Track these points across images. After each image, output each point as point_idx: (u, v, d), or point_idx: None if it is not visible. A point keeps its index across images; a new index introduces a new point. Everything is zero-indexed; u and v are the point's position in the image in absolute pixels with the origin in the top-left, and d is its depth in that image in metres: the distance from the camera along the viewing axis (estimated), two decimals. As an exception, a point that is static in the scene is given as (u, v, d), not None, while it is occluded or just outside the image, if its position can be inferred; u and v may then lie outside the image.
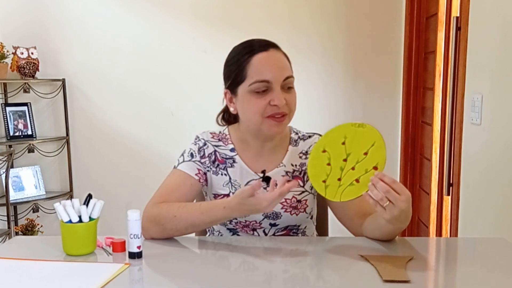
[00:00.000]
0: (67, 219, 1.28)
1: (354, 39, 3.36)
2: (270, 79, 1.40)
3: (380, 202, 1.21)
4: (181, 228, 1.39)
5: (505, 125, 1.77)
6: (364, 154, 1.29)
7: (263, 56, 1.42)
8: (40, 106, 3.53)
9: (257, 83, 1.40)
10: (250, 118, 1.46)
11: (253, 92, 1.42)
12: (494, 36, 1.85)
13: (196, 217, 1.37)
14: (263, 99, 1.41)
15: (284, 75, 1.42)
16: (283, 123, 1.44)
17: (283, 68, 1.43)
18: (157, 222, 1.39)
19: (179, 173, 1.51)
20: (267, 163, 1.53)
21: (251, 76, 1.41)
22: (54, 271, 1.19)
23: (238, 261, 1.28)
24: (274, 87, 1.40)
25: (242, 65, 1.43)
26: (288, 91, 1.44)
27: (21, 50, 3.29)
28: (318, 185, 1.32)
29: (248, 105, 1.44)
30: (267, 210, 1.27)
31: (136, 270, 1.21)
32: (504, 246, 1.39)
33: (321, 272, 1.23)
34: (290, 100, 1.43)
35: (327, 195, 1.32)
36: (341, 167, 1.30)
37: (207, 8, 3.39)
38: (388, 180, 1.21)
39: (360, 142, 1.29)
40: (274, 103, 1.40)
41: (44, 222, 3.38)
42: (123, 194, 3.47)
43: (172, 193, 1.46)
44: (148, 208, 1.43)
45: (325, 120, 3.40)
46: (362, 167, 1.29)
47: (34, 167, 3.49)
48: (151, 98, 3.49)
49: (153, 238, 1.42)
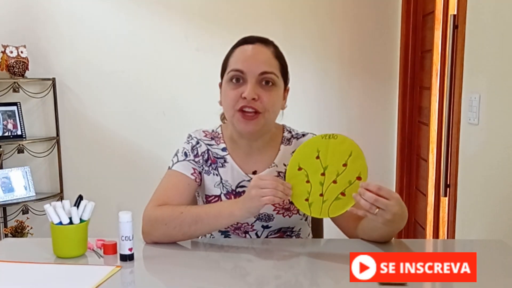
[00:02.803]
0: (58, 221, 1.28)
1: (349, 37, 3.35)
2: (243, 69, 1.39)
3: (369, 211, 1.20)
4: (184, 226, 1.34)
5: (503, 125, 1.76)
6: (344, 166, 1.27)
7: (245, 47, 1.44)
8: (30, 106, 3.49)
9: (232, 72, 1.41)
10: (225, 110, 1.46)
11: (229, 82, 1.42)
12: (492, 35, 1.84)
13: (202, 210, 1.36)
14: (236, 90, 1.40)
15: (260, 69, 1.39)
16: (253, 122, 1.40)
17: (261, 62, 1.41)
18: (160, 223, 1.36)
19: (174, 173, 1.48)
20: (257, 163, 1.51)
21: (230, 65, 1.43)
22: (44, 274, 1.18)
23: (230, 265, 1.28)
24: (248, 79, 1.39)
25: (228, 56, 1.47)
26: (266, 89, 1.41)
27: (10, 48, 3.25)
28: (301, 204, 1.31)
29: (224, 96, 1.45)
30: (254, 195, 1.25)
31: (127, 272, 1.21)
32: (502, 248, 1.39)
33: (315, 277, 1.21)
34: (265, 98, 1.39)
35: (313, 213, 1.31)
36: (320, 182, 1.29)
37: (199, 6, 3.37)
38: (374, 188, 1.20)
39: (336, 154, 1.27)
40: (244, 95, 1.38)
41: (34, 224, 3.34)
42: (114, 195, 3.44)
43: (170, 194, 1.43)
44: (148, 211, 1.40)
45: (319, 120, 3.39)
46: (344, 179, 1.28)
47: (23, 168, 3.44)
48: (143, 98, 3.47)
49: (155, 243, 1.39)
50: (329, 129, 3.22)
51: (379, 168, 3.29)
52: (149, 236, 1.39)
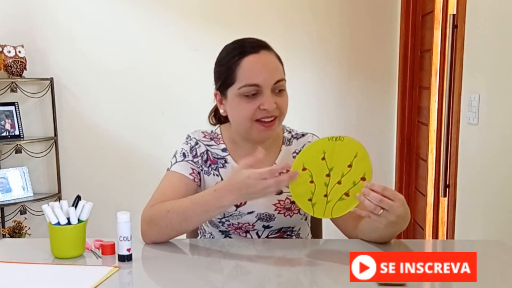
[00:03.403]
0: (56, 221, 1.27)
1: (348, 37, 3.35)
2: (260, 83, 1.36)
3: (374, 211, 1.20)
4: (174, 224, 1.33)
5: (503, 125, 1.76)
6: (349, 167, 1.26)
7: (253, 58, 1.39)
8: (27, 106, 3.47)
9: (246, 87, 1.37)
10: (239, 122, 1.43)
11: (242, 96, 1.38)
12: (492, 34, 1.84)
13: (188, 207, 1.32)
14: (252, 103, 1.37)
15: (275, 79, 1.38)
16: (273, 127, 1.41)
17: (274, 71, 1.39)
18: (152, 222, 1.36)
19: (173, 174, 1.48)
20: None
21: (241, 79, 1.38)
22: (42, 275, 1.18)
23: (231, 265, 1.27)
24: (264, 90, 1.37)
25: (232, 68, 1.39)
26: (279, 94, 1.40)
27: (8, 48, 3.23)
28: (304, 204, 1.30)
29: (237, 109, 1.41)
30: (256, 188, 1.21)
31: (126, 273, 1.20)
32: (502, 248, 1.38)
33: (315, 276, 1.21)
34: (281, 103, 1.40)
35: (316, 213, 1.30)
36: (325, 183, 1.27)
37: (198, 5, 3.36)
38: (378, 188, 1.20)
39: (342, 155, 1.26)
40: (263, 107, 1.37)
41: (32, 224, 3.32)
42: (112, 195, 3.43)
43: (168, 195, 1.42)
44: (144, 212, 1.40)
45: (319, 121, 3.38)
46: (349, 180, 1.27)
47: (21, 168, 3.42)
48: (141, 98, 3.45)
49: (154, 242, 1.38)
50: (328, 128, 3.23)
51: (378, 168, 3.27)
52: (147, 236, 1.38)
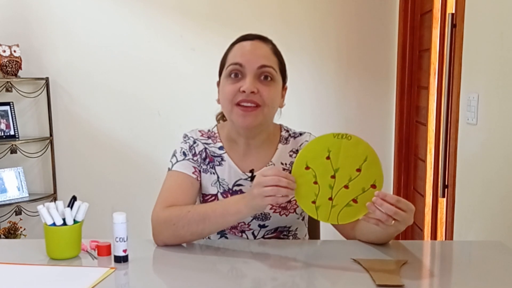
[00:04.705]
0: (51, 222, 1.27)
1: (346, 36, 3.35)
2: (243, 62, 1.40)
3: (386, 222, 1.18)
4: (192, 225, 1.33)
5: (502, 125, 1.75)
6: (357, 171, 1.21)
7: (244, 43, 1.45)
8: (23, 106, 3.46)
9: (230, 66, 1.42)
10: (223, 105, 1.46)
11: (228, 77, 1.43)
12: (491, 34, 1.83)
13: (209, 207, 1.35)
14: (234, 85, 1.40)
15: (259, 62, 1.40)
16: (252, 114, 1.40)
17: (260, 56, 1.42)
18: (169, 223, 1.35)
19: (176, 174, 1.47)
20: (255, 161, 1.51)
21: (228, 60, 1.44)
22: (38, 276, 1.18)
23: (226, 267, 1.26)
24: (247, 73, 1.40)
25: (226, 53, 1.47)
26: (265, 83, 1.41)
27: (3, 48, 3.23)
28: (307, 206, 1.24)
29: (222, 91, 1.45)
30: (257, 194, 1.22)
31: (122, 274, 1.20)
32: (501, 249, 1.38)
33: (312, 278, 1.19)
34: (265, 92, 1.40)
35: (320, 217, 1.25)
36: (330, 185, 1.22)
37: (195, 4, 3.35)
38: (392, 200, 1.18)
39: (349, 157, 1.21)
40: (242, 89, 1.38)
41: (27, 225, 3.31)
42: (108, 196, 3.41)
43: (176, 195, 1.42)
44: (157, 213, 1.39)
45: (316, 120, 3.38)
46: (357, 185, 1.21)
47: (16, 168, 3.41)
48: (137, 98, 3.45)
49: (165, 244, 1.38)
50: (326, 128, 3.21)
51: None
52: (159, 237, 1.37)
